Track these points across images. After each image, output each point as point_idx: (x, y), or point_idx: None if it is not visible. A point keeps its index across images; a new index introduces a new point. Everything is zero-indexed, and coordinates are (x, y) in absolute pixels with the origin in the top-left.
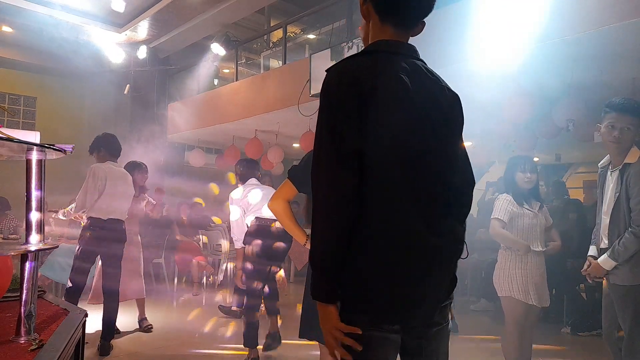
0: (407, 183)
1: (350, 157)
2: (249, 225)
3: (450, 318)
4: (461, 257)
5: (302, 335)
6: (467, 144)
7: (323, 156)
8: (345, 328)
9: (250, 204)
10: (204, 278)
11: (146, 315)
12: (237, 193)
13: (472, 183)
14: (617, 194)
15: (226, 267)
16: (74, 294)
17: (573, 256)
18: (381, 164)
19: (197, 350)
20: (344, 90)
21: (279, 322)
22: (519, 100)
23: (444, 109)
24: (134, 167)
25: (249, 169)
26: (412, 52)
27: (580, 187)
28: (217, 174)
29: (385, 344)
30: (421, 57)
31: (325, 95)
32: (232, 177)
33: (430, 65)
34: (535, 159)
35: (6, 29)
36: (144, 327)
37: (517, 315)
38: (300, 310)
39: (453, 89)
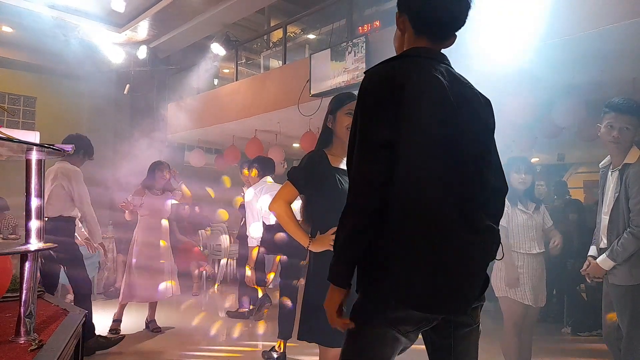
0: (442, 177)
1: (380, 150)
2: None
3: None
4: (496, 258)
5: (300, 337)
6: None
7: (357, 151)
8: (342, 323)
9: (261, 209)
10: (204, 278)
11: (154, 318)
12: (248, 195)
13: (503, 189)
14: (617, 194)
15: (226, 267)
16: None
17: (574, 256)
18: (416, 157)
19: (197, 349)
20: (376, 89)
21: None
22: (519, 100)
23: (478, 111)
24: (154, 167)
25: (262, 169)
26: (445, 59)
27: (581, 187)
28: (217, 174)
29: (394, 342)
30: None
31: (360, 95)
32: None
33: None
34: (536, 159)
35: (6, 28)
36: (152, 329)
37: (515, 316)
38: (300, 312)
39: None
